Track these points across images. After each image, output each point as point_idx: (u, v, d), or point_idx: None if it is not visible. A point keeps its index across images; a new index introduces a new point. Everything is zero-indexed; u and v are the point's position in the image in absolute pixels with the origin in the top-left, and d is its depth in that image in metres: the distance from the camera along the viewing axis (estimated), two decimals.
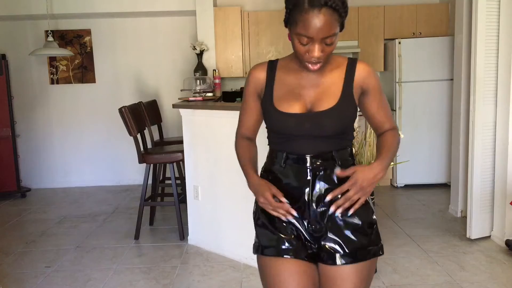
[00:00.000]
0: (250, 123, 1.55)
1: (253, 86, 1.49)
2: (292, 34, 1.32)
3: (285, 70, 1.46)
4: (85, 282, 3.04)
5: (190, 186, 3.57)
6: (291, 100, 1.42)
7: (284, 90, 1.44)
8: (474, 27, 3.29)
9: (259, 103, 1.50)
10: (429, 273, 2.97)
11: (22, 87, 5.59)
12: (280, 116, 1.41)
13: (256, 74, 1.49)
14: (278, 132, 1.45)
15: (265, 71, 1.48)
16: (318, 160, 1.41)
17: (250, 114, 1.53)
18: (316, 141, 1.41)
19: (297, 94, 1.42)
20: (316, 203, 1.41)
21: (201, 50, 4.98)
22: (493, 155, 3.40)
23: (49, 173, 5.73)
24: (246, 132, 1.57)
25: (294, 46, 1.33)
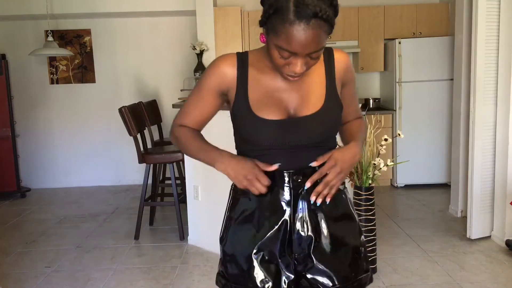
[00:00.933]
0: (198, 118, 1.30)
1: (217, 82, 1.23)
2: (271, 43, 1.10)
3: (258, 68, 1.22)
4: (85, 282, 3.04)
5: (190, 186, 3.58)
6: (270, 105, 1.20)
7: (261, 92, 1.21)
8: (474, 27, 3.29)
9: (218, 100, 1.26)
10: (429, 273, 2.97)
11: (22, 87, 5.59)
12: (260, 124, 1.19)
13: (223, 69, 1.22)
14: (254, 142, 1.22)
15: (235, 67, 1.22)
16: (299, 176, 1.22)
17: (202, 109, 1.28)
18: (296, 153, 1.22)
19: (277, 98, 1.21)
20: (300, 227, 1.23)
21: (201, 50, 4.98)
22: (493, 155, 3.40)
23: (49, 173, 5.73)
24: (189, 125, 1.31)
25: (272, 56, 1.12)
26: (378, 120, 4.73)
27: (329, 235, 1.24)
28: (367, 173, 2.86)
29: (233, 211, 1.30)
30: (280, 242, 1.22)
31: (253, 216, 1.25)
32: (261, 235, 1.23)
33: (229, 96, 1.25)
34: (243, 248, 1.25)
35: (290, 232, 1.23)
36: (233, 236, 1.28)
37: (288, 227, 1.23)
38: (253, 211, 1.25)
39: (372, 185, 2.90)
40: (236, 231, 1.28)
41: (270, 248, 1.22)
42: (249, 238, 1.24)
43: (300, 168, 1.22)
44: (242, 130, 1.23)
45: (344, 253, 1.25)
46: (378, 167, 2.87)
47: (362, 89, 5.59)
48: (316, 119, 1.20)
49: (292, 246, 1.23)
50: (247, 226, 1.25)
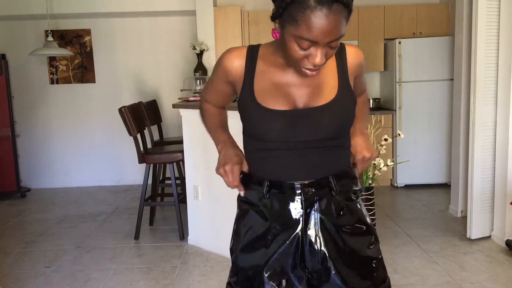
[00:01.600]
0: (217, 100, 1.36)
1: (225, 73, 1.22)
2: (288, 35, 1.04)
3: (268, 61, 1.18)
4: (85, 282, 3.04)
5: (190, 186, 3.57)
6: (277, 96, 1.14)
7: (268, 83, 1.16)
8: (474, 27, 3.29)
9: (229, 87, 1.26)
10: (429, 273, 2.97)
11: (22, 87, 5.59)
12: (265, 114, 1.13)
13: (231, 62, 1.20)
14: (259, 136, 1.16)
15: (243, 59, 1.19)
16: (311, 189, 1.16)
17: (218, 94, 1.33)
18: (306, 155, 1.15)
19: (284, 91, 1.15)
20: (313, 240, 1.17)
21: (201, 50, 4.97)
22: (493, 155, 3.40)
23: (49, 173, 5.73)
24: (213, 103, 1.38)
25: (289, 49, 1.05)
26: (378, 120, 4.73)
27: (344, 247, 1.19)
28: (367, 173, 2.86)
29: (241, 224, 1.26)
30: (292, 256, 1.17)
31: (263, 231, 1.19)
32: (272, 250, 1.18)
33: (237, 87, 1.23)
34: (253, 263, 1.20)
35: (302, 246, 1.17)
36: (243, 250, 1.23)
37: (300, 241, 1.17)
38: (263, 225, 1.20)
39: (372, 185, 2.90)
40: (245, 246, 1.23)
41: (281, 263, 1.17)
42: (259, 254, 1.19)
43: (310, 173, 1.16)
44: (247, 122, 1.19)
45: (359, 266, 1.20)
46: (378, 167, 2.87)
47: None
48: (328, 110, 1.13)
49: (305, 260, 1.18)
50: (257, 242, 1.20)
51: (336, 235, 1.18)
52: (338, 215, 1.18)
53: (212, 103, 1.37)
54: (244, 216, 1.25)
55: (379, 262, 1.24)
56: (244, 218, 1.24)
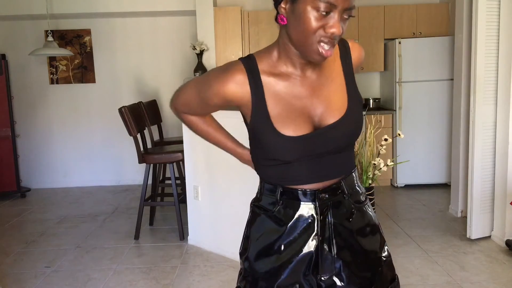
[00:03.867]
0: (201, 113, 1.29)
1: (224, 102, 1.11)
2: (303, 5, 0.97)
3: (271, 74, 1.08)
4: (85, 282, 3.04)
5: (190, 186, 3.57)
6: (294, 119, 1.07)
7: (281, 104, 1.08)
8: (474, 27, 3.29)
9: (222, 107, 1.16)
10: (429, 273, 2.97)
11: (22, 87, 5.59)
12: (286, 142, 1.07)
13: (232, 94, 1.08)
14: (278, 158, 1.11)
15: (246, 83, 1.07)
16: (325, 195, 1.13)
17: (206, 112, 1.27)
18: (319, 161, 1.12)
19: (299, 108, 1.08)
20: (327, 247, 1.14)
21: (201, 50, 4.98)
22: (493, 155, 3.40)
23: (49, 173, 5.73)
24: (183, 110, 1.29)
25: (304, 23, 0.98)
26: (378, 120, 4.73)
27: (358, 251, 1.17)
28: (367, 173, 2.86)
29: (254, 229, 1.21)
30: (306, 264, 1.14)
31: (276, 237, 1.15)
32: (285, 257, 1.14)
33: (243, 110, 1.12)
34: (265, 269, 1.16)
35: (316, 253, 1.14)
36: (255, 256, 1.19)
37: (315, 248, 1.14)
38: (276, 231, 1.16)
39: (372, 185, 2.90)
40: (258, 251, 1.18)
41: (294, 269, 1.14)
42: (272, 260, 1.16)
43: (323, 178, 1.13)
44: (265, 149, 1.11)
45: (373, 269, 1.19)
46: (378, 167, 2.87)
47: (362, 89, 5.59)
48: (343, 124, 1.10)
49: (318, 266, 1.14)
50: (269, 247, 1.16)
51: (350, 239, 1.16)
52: (350, 219, 1.17)
53: (192, 115, 1.29)
54: (256, 221, 1.20)
55: (389, 261, 1.24)
56: (257, 223, 1.20)
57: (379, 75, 5.61)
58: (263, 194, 1.20)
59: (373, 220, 1.24)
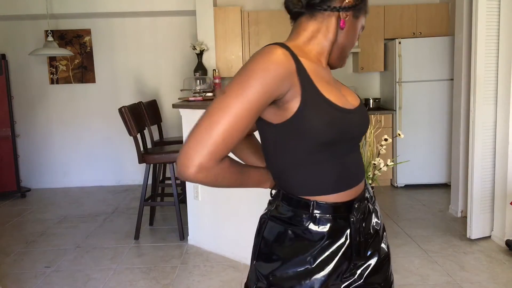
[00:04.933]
0: (239, 139, 0.96)
1: (277, 85, 0.96)
2: (358, 23, 1.15)
3: (306, 58, 1.06)
4: (85, 282, 3.04)
5: (190, 186, 3.57)
6: (337, 93, 1.08)
7: (322, 80, 1.06)
8: (474, 27, 3.29)
9: (264, 108, 0.99)
10: (429, 273, 2.97)
11: (22, 87, 5.59)
12: (343, 114, 1.05)
13: (286, 64, 0.97)
14: (339, 140, 1.07)
15: (291, 59, 1.00)
16: (356, 203, 1.12)
17: (247, 126, 0.96)
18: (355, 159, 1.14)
19: (335, 87, 1.11)
20: (355, 253, 1.13)
21: (201, 50, 4.98)
22: (493, 155, 3.40)
23: (49, 173, 5.73)
24: (224, 152, 0.96)
25: (354, 35, 1.15)
26: (378, 120, 4.73)
27: (380, 252, 1.19)
28: (367, 173, 2.86)
29: (279, 245, 1.13)
30: (337, 273, 1.12)
31: (307, 251, 1.10)
32: (316, 270, 1.10)
33: (289, 96, 1.00)
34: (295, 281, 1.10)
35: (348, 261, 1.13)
36: (285, 277, 1.11)
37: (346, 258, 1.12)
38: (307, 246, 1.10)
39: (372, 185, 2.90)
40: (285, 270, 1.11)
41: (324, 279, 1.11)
42: (302, 272, 1.10)
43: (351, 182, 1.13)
44: (324, 129, 1.02)
45: (387, 266, 1.23)
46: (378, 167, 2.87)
47: (362, 89, 5.59)
48: (364, 111, 1.16)
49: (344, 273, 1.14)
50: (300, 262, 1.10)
51: (375, 240, 1.19)
52: (372, 220, 1.19)
53: (228, 152, 0.97)
54: (283, 236, 1.12)
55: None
56: (283, 239, 1.12)
57: (379, 75, 5.61)
58: (292, 209, 1.12)
59: (381, 216, 1.28)
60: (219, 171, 0.97)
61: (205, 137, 0.92)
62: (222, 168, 0.98)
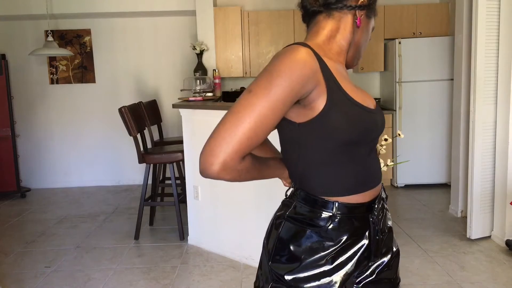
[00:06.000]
0: (263, 138, 0.96)
1: (302, 84, 0.96)
2: (370, 24, 1.21)
3: (327, 57, 1.07)
4: (85, 282, 3.04)
5: (190, 186, 3.57)
6: (359, 94, 1.10)
7: (347, 82, 1.08)
8: (474, 27, 3.29)
9: (289, 107, 0.98)
10: (429, 273, 2.97)
11: (22, 87, 5.59)
12: (367, 114, 1.07)
13: (310, 63, 0.97)
14: (364, 139, 1.08)
15: (315, 57, 1.00)
16: (375, 204, 1.13)
17: (271, 126, 0.96)
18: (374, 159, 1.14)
19: (355, 87, 1.13)
20: (373, 253, 1.14)
21: (201, 50, 4.98)
22: (493, 155, 3.40)
23: (49, 173, 5.73)
24: (251, 150, 0.96)
25: (366, 37, 1.20)
26: None
27: (392, 249, 1.22)
28: None
29: (297, 246, 1.11)
30: (354, 273, 1.12)
31: (326, 252, 1.10)
32: (335, 270, 1.10)
33: (314, 95, 1.00)
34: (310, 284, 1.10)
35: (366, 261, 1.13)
36: (298, 270, 1.10)
37: (364, 258, 1.13)
38: (326, 246, 1.10)
39: None
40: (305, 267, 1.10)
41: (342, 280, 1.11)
42: (319, 275, 1.10)
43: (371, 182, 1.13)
44: (350, 128, 1.03)
45: (397, 262, 1.26)
46: None
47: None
48: (380, 112, 1.17)
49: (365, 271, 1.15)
50: (319, 261, 1.10)
51: (388, 239, 1.20)
52: (386, 220, 1.20)
53: (251, 150, 0.97)
54: (302, 237, 1.11)
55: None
56: (302, 239, 1.11)
57: (379, 75, 5.61)
58: (311, 210, 1.11)
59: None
60: (242, 167, 0.97)
61: (231, 135, 0.92)
62: (245, 165, 0.98)
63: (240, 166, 0.96)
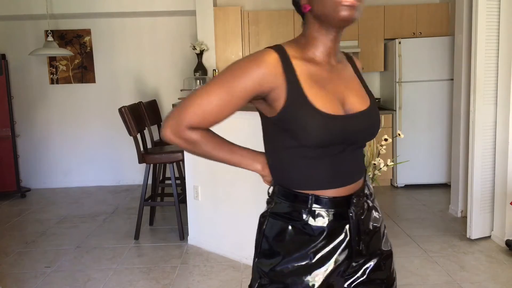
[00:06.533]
0: (218, 121, 1.09)
1: (258, 84, 1.04)
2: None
3: (301, 58, 1.09)
4: (85, 282, 3.04)
5: (190, 186, 3.57)
6: (330, 98, 1.08)
7: (316, 84, 1.07)
8: (474, 27, 3.29)
9: (246, 103, 1.09)
10: (429, 273, 2.97)
11: (22, 87, 5.59)
12: (327, 121, 1.05)
13: (267, 68, 1.04)
14: (320, 144, 1.07)
15: (279, 62, 1.05)
16: (354, 199, 1.14)
17: (226, 112, 1.07)
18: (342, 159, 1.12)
19: (332, 90, 1.10)
20: (358, 251, 1.15)
21: (201, 50, 4.98)
22: (493, 155, 3.40)
23: (49, 173, 5.73)
24: (203, 126, 1.10)
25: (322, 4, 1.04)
26: None
27: (380, 251, 1.21)
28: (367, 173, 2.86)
29: (280, 241, 1.15)
30: (336, 270, 1.14)
31: (307, 246, 1.12)
32: (316, 265, 1.12)
33: (273, 96, 1.06)
34: (295, 276, 1.12)
35: (348, 259, 1.14)
36: (286, 272, 1.13)
37: (345, 255, 1.14)
38: (307, 241, 1.12)
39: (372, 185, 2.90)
40: (286, 265, 1.13)
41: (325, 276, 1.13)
42: (303, 267, 1.13)
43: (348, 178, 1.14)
44: (304, 132, 1.05)
45: (390, 263, 1.25)
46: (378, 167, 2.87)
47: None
48: (370, 115, 1.13)
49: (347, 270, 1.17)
50: (300, 260, 1.12)
51: (374, 237, 1.20)
52: (371, 217, 1.20)
53: (204, 126, 1.10)
54: (283, 232, 1.14)
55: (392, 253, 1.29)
56: (284, 234, 1.14)
57: (379, 75, 5.61)
58: (290, 204, 1.13)
59: (381, 212, 1.28)
60: (190, 138, 1.11)
61: (184, 108, 1.09)
62: (194, 137, 1.11)
63: (187, 135, 1.10)
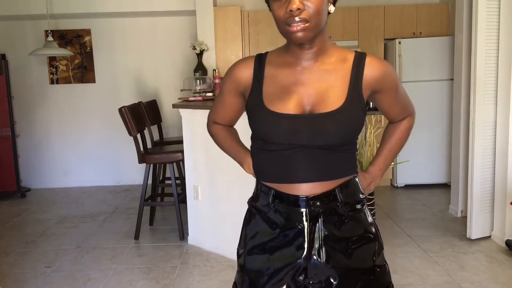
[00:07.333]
0: (227, 117, 1.37)
1: (234, 85, 1.25)
2: (272, 3, 1.14)
3: (276, 64, 1.21)
4: (85, 282, 3.04)
5: (190, 186, 3.57)
6: (285, 99, 1.15)
7: (276, 87, 1.18)
8: (474, 27, 3.29)
9: (239, 99, 1.28)
10: (429, 273, 2.97)
11: (22, 87, 5.59)
12: (271, 118, 1.15)
13: (239, 73, 1.24)
14: (268, 139, 1.18)
15: (251, 68, 1.22)
16: (316, 202, 1.17)
17: (227, 109, 1.34)
18: (315, 157, 1.15)
19: (293, 91, 1.15)
20: (316, 254, 1.17)
21: (201, 50, 4.97)
22: (493, 155, 3.40)
23: (49, 173, 5.73)
24: (221, 122, 1.40)
25: (274, 14, 1.12)
26: (378, 120, 4.73)
27: (348, 260, 1.19)
28: None
29: (248, 228, 1.28)
30: (295, 269, 1.18)
31: (268, 238, 1.21)
32: (275, 258, 1.20)
33: (246, 92, 1.25)
34: (256, 268, 1.23)
35: (305, 259, 1.18)
36: (248, 254, 1.25)
37: (303, 255, 1.17)
38: (269, 233, 1.21)
39: None
40: (250, 250, 1.25)
41: (282, 273, 1.19)
42: (262, 259, 1.22)
43: (315, 176, 1.16)
44: (254, 125, 1.20)
45: (364, 277, 1.20)
46: None
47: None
48: (333, 118, 1.13)
49: (307, 270, 1.18)
50: (261, 247, 1.22)
51: (340, 248, 1.18)
52: (342, 227, 1.18)
53: (221, 122, 1.40)
54: (251, 221, 1.28)
55: (383, 269, 1.24)
56: (252, 223, 1.27)
57: None
58: (259, 194, 1.25)
59: (370, 228, 1.23)
60: (211, 130, 1.44)
61: (211, 108, 1.43)
62: (213, 130, 1.43)
63: (210, 128, 1.44)
